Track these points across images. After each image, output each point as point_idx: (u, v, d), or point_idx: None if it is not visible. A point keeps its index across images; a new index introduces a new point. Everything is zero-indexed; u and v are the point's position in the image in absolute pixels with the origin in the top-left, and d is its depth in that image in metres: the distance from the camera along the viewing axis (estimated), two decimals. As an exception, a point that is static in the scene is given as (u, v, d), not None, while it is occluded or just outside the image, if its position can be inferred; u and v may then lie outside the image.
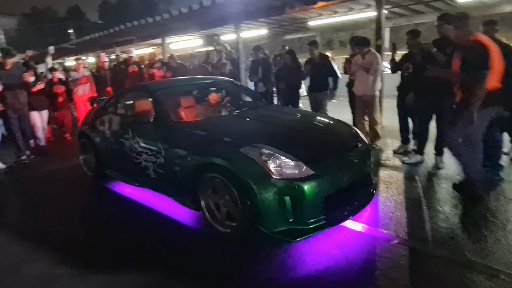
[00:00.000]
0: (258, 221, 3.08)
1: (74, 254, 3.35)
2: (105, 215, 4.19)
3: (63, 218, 4.18)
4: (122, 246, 3.45)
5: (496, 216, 3.50)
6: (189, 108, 4.29)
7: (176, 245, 3.38)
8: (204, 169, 3.39)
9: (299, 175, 3.03)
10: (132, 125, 4.25)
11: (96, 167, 5.15)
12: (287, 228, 3.03)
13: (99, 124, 4.98)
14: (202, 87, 4.98)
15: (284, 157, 3.10)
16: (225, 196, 3.33)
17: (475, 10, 11.68)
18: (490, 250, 2.98)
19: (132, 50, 10.21)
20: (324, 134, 3.75)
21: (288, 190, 2.98)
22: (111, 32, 12.29)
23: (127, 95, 5.06)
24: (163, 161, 3.80)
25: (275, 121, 3.99)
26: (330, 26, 12.32)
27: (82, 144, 5.41)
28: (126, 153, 4.34)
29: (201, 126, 3.77)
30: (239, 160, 3.14)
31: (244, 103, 4.71)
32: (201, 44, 13.84)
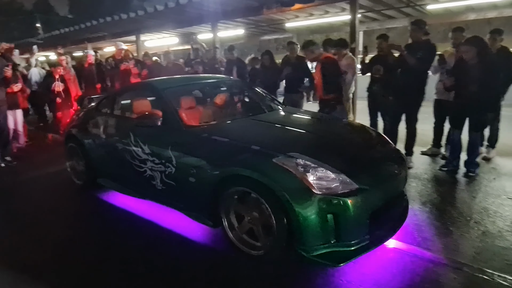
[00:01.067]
0: (296, 242, 2.58)
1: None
2: (102, 231, 3.51)
3: (51, 237, 3.47)
4: (127, 267, 2.85)
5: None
6: (201, 110, 3.68)
7: (191, 267, 2.82)
8: (228, 182, 2.83)
9: (343, 189, 2.55)
10: (135, 129, 3.57)
11: (86, 175, 4.40)
12: (329, 251, 2.55)
13: (91, 127, 4.24)
14: (211, 86, 4.36)
15: (324, 168, 2.61)
16: (252, 213, 2.80)
17: (443, 17, 11.85)
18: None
19: (121, 44, 9.21)
20: (358, 141, 3.26)
21: (331, 207, 2.49)
22: (82, 28, 11.31)
23: (127, 94, 4.33)
24: (173, 170, 3.19)
25: (301, 126, 3.46)
26: (306, 28, 12.00)
27: (70, 149, 4.62)
28: (126, 160, 3.66)
29: (221, 132, 3.17)
30: (273, 172, 2.60)
31: (259, 105, 4.14)
32: (177, 43, 13.04)
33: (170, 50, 12.94)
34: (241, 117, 3.64)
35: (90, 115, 4.38)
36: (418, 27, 4.83)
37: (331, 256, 2.55)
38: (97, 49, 13.10)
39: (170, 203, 3.43)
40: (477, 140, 4.54)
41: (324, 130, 3.41)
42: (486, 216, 3.47)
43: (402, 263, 2.75)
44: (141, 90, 4.18)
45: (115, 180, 4.04)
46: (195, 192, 3.06)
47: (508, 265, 2.70)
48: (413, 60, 4.58)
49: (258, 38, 13.33)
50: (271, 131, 3.27)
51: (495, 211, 3.54)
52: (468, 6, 10.04)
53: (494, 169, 4.74)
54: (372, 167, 2.82)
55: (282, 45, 11.29)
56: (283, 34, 12.82)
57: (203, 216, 3.10)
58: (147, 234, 3.36)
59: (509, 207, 3.63)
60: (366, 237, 2.60)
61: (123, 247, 3.17)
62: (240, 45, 11.20)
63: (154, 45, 13.47)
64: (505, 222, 3.32)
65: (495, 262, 2.75)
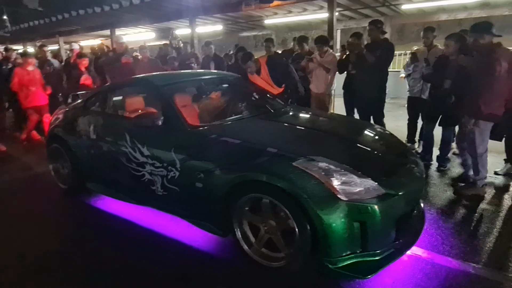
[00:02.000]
0: (320, 253, 2.30)
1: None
2: (93, 242, 3.09)
3: (33, 250, 3.02)
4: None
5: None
6: (205, 108, 3.31)
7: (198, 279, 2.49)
8: (243, 188, 2.50)
9: (369, 195, 2.29)
10: (131, 129, 3.15)
11: (73, 179, 3.92)
12: (354, 262, 2.29)
13: (79, 126, 3.75)
14: (212, 83, 3.94)
15: (349, 172, 2.35)
16: (269, 221, 2.50)
17: (416, 17, 11.97)
18: None
19: (121, 37, 8.35)
20: (377, 142, 2.98)
21: (358, 214, 2.23)
22: (53, 21, 10.53)
23: (120, 91, 3.82)
24: (177, 175, 2.82)
25: (314, 126, 3.15)
26: (285, 25, 11.80)
27: (54, 150, 4.09)
28: (120, 163, 3.24)
29: (231, 132, 2.82)
30: (295, 176, 2.30)
31: (264, 103, 3.78)
32: (153, 38, 12.44)
33: (147, 45, 12.35)
34: (249, 116, 3.28)
35: (77, 114, 3.87)
36: (375, 27, 5.03)
37: (357, 268, 2.29)
38: (70, 43, 12.27)
39: (171, 210, 3.05)
40: (449, 136, 4.59)
41: (340, 131, 3.11)
42: (455, 207, 3.55)
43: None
44: (136, 86, 3.74)
45: (107, 184, 3.59)
46: (203, 198, 2.71)
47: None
48: (372, 58, 4.74)
49: (237, 35, 12.94)
50: (285, 132, 2.95)
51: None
52: (440, 7, 10.20)
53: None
54: (396, 171, 2.57)
55: (261, 42, 10.97)
56: (262, 31, 12.55)
57: (211, 224, 2.76)
58: (146, 244, 2.98)
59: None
60: (391, 245, 2.38)
61: (120, 261, 2.78)
62: (219, 42, 10.82)
63: (130, 40, 12.80)
64: (466, 210, 3.43)
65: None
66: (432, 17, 11.24)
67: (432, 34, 4.98)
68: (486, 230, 3.09)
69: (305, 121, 3.39)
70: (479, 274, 2.49)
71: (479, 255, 2.71)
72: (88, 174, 3.76)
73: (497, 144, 4.28)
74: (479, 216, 3.36)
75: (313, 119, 3.57)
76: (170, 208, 3.05)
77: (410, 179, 2.58)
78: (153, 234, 3.14)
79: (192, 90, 3.64)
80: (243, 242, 2.60)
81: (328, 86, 5.60)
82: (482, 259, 2.67)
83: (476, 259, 2.66)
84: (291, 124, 3.19)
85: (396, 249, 2.41)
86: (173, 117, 2.95)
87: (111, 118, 3.60)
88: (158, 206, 3.15)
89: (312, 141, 2.77)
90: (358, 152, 2.69)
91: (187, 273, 2.59)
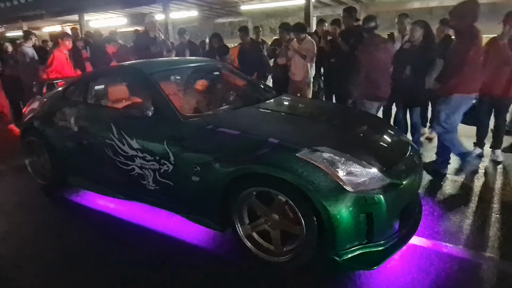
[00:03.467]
0: (327, 246, 2.23)
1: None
2: (84, 242, 2.89)
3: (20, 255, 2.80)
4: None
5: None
6: (197, 97, 3.12)
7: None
8: (243, 181, 2.38)
9: (375, 185, 2.23)
10: (118, 120, 2.94)
11: (52, 174, 3.64)
12: (360, 253, 2.24)
13: (58, 118, 3.45)
14: (203, 71, 3.70)
15: (354, 162, 2.27)
16: (271, 214, 2.40)
17: (390, 5, 12.10)
18: None
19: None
20: (377, 131, 2.89)
21: (366, 205, 2.17)
22: (15, 5, 9.85)
23: (103, 79, 3.55)
24: (170, 168, 2.66)
25: (313, 115, 3.02)
26: (261, 12, 11.64)
27: (29, 144, 3.78)
28: (106, 156, 3.02)
29: (228, 123, 2.65)
30: (299, 168, 2.19)
31: (257, 92, 3.62)
32: (125, 23, 11.90)
33: (118, 31, 11.80)
34: (244, 105, 3.11)
35: (56, 104, 3.57)
36: (349, 15, 5.08)
37: (363, 259, 2.23)
38: (34, 29, 11.55)
39: (164, 205, 2.88)
40: (417, 120, 4.64)
41: (339, 119, 3.01)
42: (429, 191, 3.59)
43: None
44: (122, 75, 3.48)
45: (91, 179, 3.36)
46: (200, 193, 2.56)
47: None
48: (346, 46, 4.77)
49: (212, 21, 12.58)
50: (284, 121, 2.81)
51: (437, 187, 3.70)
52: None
53: (435, 147, 4.72)
54: (399, 160, 2.51)
55: (237, 29, 10.75)
56: (238, 17, 12.25)
57: (209, 219, 2.63)
58: (140, 241, 2.82)
59: (448, 181, 3.79)
60: (395, 235, 2.34)
61: (119, 263, 2.60)
62: (194, 28, 10.51)
63: (100, 26, 12.22)
64: (443, 195, 3.47)
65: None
66: (405, 5, 11.41)
67: (407, 20, 5.00)
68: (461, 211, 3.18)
69: (302, 110, 3.27)
70: (480, 261, 2.51)
71: (477, 241, 2.73)
72: (69, 168, 3.50)
73: (467, 128, 4.42)
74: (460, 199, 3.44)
75: (309, 107, 3.45)
76: (163, 203, 2.88)
77: (411, 167, 2.54)
78: (145, 230, 2.98)
79: (181, 78, 3.43)
80: (246, 239, 2.49)
81: (307, 73, 5.50)
82: (483, 245, 2.68)
83: (477, 245, 2.68)
84: (288, 113, 3.08)
85: (400, 239, 2.38)
86: (165, 107, 2.75)
87: (94, 108, 3.34)
88: (150, 201, 2.97)
89: (312, 130, 2.66)
90: (360, 141, 2.61)
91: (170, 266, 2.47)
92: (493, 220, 3.02)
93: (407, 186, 2.39)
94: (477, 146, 4.52)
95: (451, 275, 2.36)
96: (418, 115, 4.71)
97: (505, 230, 2.86)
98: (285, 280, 2.36)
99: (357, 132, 2.74)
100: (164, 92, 2.84)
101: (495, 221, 3.00)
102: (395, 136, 2.86)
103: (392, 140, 2.78)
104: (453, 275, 2.37)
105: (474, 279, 2.36)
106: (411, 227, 2.53)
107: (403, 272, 2.40)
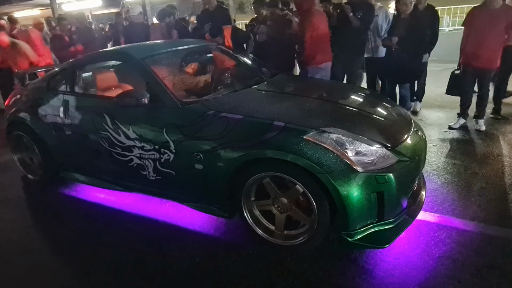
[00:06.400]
0: (339, 227, 2.21)
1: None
2: (86, 236, 2.80)
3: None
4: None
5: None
6: (193, 81, 2.98)
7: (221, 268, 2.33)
8: (250, 167, 2.31)
9: (383, 164, 2.20)
10: (112, 110, 2.79)
11: (44, 169, 3.48)
12: (371, 232, 2.22)
13: (45, 110, 3.27)
14: (196, 53, 3.54)
15: (362, 142, 2.23)
16: (280, 198, 2.36)
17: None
18: None
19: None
20: (380, 108, 2.82)
21: (376, 185, 2.14)
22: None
23: (91, 66, 3.33)
24: (172, 157, 2.56)
25: (315, 95, 2.92)
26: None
27: (16, 138, 3.60)
28: (102, 148, 2.89)
29: (229, 107, 2.54)
30: (308, 151, 2.13)
31: (255, 72, 3.48)
32: (100, 6, 11.38)
33: (93, 14, 11.32)
34: (243, 88, 2.98)
35: (41, 95, 3.37)
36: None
37: (374, 238, 2.21)
38: (4, 14, 10.94)
39: (168, 194, 2.80)
40: (406, 93, 4.70)
41: (342, 98, 2.93)
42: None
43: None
44: (111, 60, 3.29)
45: (86, 172, 3.24)
46: (204, 181, 2.49)
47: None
48: (357, 22, 4.58)
49: (191, 0, 12.16)
50: (287, 103, 2.71)
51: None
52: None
53: (421, 120, 4.88)
54: (405, 136, 2.47)
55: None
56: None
57: (215, 207, 2.57)
58: (147, 232, 2.76)
59: (434, 153, 3.84)
60: (404, 211, 2.34)
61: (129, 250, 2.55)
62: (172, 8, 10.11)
63: (74, 9, 11.66)
64: (431, 167, 3.51)
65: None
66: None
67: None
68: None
69: (303, 90, 3.18)
70: (489, 233, 2.53)
71: (484, 214, 2.76)
72: (61, 162, 3.36)
73: (450, 100, 4.46)
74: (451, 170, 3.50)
75: (309, 86, 3.35)
76: (166, 192, 2.79)
77: (417, 143, 2.52)
78: (151, 221, 2.91)
79: (175, 62, 3.27)
80: (255, 226, 2.45)
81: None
82: (489, 217, 2.71)
83: (483, 217, 2.71)
84: (290, 93, 2.99)
85: (409, 215, 2.39)
86: (161, 94, 2.62)
87: (84, 98, 3.15)
88: (152, 192, 2.88)
89: (317, 110, 2.59)
90: (365, 119, 2.55)
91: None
92: (476, 188, 3.13)
93: (415, 163, 2.37)
94: (461, 116, 4.57)
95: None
96: (408, 88, 4.75)
97: (488, 195, 2.97)
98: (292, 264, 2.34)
99: (362, 110, 2.68)
100: (159, 77, 2.70)
101: (478, 188, 3.11)
102: (398, 113, 2.82)
103: (396, 117, 2.74)
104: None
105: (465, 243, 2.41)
106: (418, 202, 2.55)
107: (425, 249, 2.40)
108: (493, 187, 3.11)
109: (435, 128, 4.60)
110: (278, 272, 2.26)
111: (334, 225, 2.26)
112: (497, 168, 3.44)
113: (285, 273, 2.26)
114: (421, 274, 2.18)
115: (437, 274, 2.18)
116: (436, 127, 4.64)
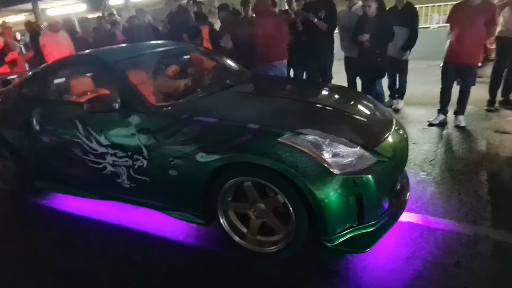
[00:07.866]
0: (317, 233, 2.14)
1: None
2: (58, 247, 2.70)
3: None
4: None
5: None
6: (168, 84, 2.89)
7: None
8: (225, 172, 2.23)
9: (361, 165, 2.13)
10: (83, 116, 2.69)
11: (17, 179, 3.37)
12: (351, 236, 2.15)
13: (17, 117, 3.15)
14: (171, 56, 3.44)
15: (338, 143, 2.16)
16: (257, 204, 2.28)
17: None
18: None
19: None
20: (358, 107, 2.75)
21: (355, 187, 2.07)
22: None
23: (63, 72, 3.22)
24: (145, 164, 2.47)
25: (291, 95, 2.86)
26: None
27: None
28: (75, 156, 2.79)
29: (203, 110, 2.47)
30: (283, 154, 2.06)
31: (231, 74, 3.41)
32: (85, 10, 11.22)
33: (79, 18, 11.14)
34: (218, 90, 2.91)
35: (13, 102, 3.26)
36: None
37: (355, 242, 2.15)
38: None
39: (142, 202, 2.70)
40: (380, 90, 4.73)
41: (318, 97, 2.87)
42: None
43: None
44: (82, 65, 3.20)
45: (61, 181, 3.12)
46: (179, 187, 2.40)
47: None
48: (325, 26, 4.82)
49: (176, 4, 12.04)
50: (261, 104, 2.64)
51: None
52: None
53: (402, 118, 4.84)
54: (384, 136, 2.41)
55: (209, 9, 10.39)
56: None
57: (191, 214, 2.49)
58: (123, 241, 2.68)
59: (413, 151, 3.73)
60: (385, 213, 2.27)
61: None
62: (158, 11, 10.08)
63: (58, 14, 11.49)
64: (409, 165, 3.39)
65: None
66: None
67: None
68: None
69: (278, 90, 3.11)
70: (475, 233, 2.47)
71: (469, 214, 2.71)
72: (35, 171, 3.24)
73: (433, 97, 4.42)
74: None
75: (285, 87, 3.28)
76: (141, 200, 2.70)
77: (398, 142, 2.46)
78: (125, 229, 2.81)
79: (149, 65, 3.18)
80: (233, 232, 2.37)
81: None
82: (472, 217, 2.66)
83: (469, 218, 2.65)
84: (265, 95, 2.92)
85: (390, 217, 2.32)
86: (132, 98, 2.53)
87: (55, 104, 3.06)
88: (127, 200, 2.78)
89: (293, 111, 2.52)
90: (342, 119, 2.49)
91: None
92: (450, 185, 3.10)
93: (395, 163, 2.32)
94: (440, 112, 4.55)
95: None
96: (381, 85, 4.74)
97: (461, 192, 2.95)
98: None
99: (339, 110, 2.61)
100: (130, 81, 2.60)
101: (453, 185, 3.08)
102: (378, 111, 2.76)
103: (376, 115, 2.68)
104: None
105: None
106: (400, 204, 2.49)
107: (395, 249, 2.36)
108: (468, 183, 3.07)
109: (415, 125, 4.57)
110: (248, 278, 2.21)
111: (313, 231, 2.19)
112: (472, 164, 3.41)
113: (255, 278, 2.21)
114: (389, 276, 2.15)
115: (405, 274, 2.15)
116: (416, 124, 4.62)
